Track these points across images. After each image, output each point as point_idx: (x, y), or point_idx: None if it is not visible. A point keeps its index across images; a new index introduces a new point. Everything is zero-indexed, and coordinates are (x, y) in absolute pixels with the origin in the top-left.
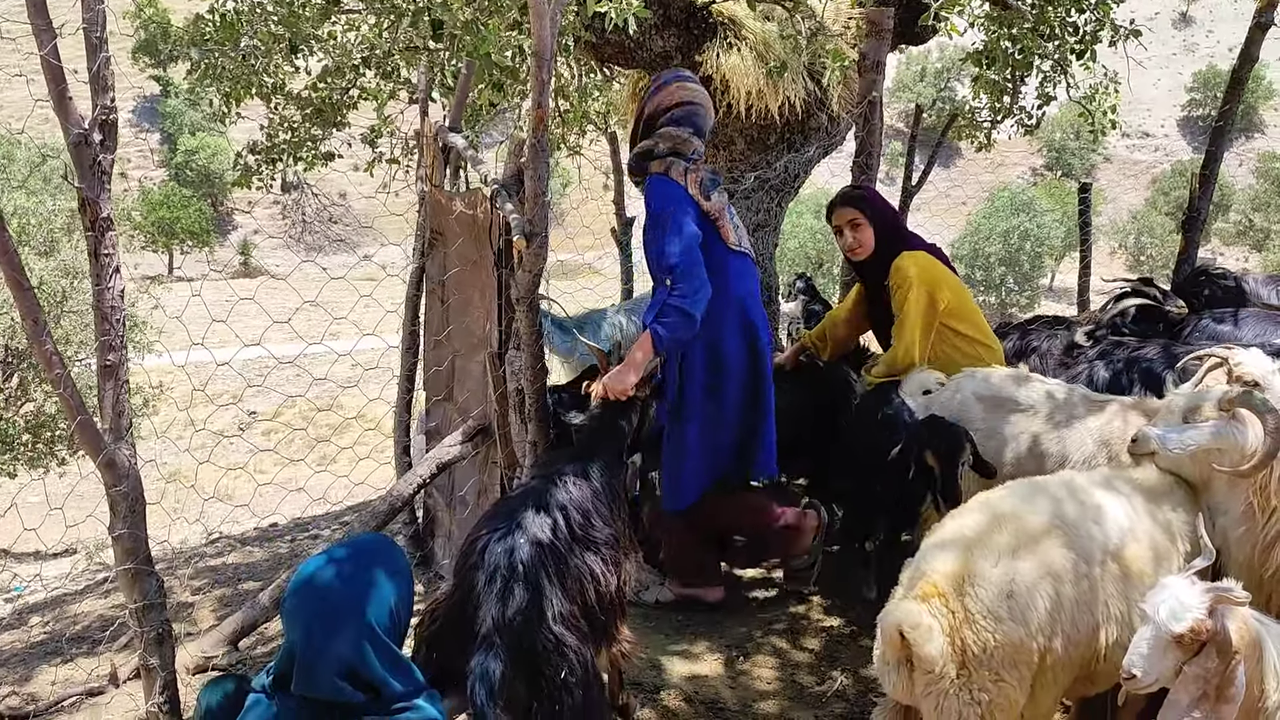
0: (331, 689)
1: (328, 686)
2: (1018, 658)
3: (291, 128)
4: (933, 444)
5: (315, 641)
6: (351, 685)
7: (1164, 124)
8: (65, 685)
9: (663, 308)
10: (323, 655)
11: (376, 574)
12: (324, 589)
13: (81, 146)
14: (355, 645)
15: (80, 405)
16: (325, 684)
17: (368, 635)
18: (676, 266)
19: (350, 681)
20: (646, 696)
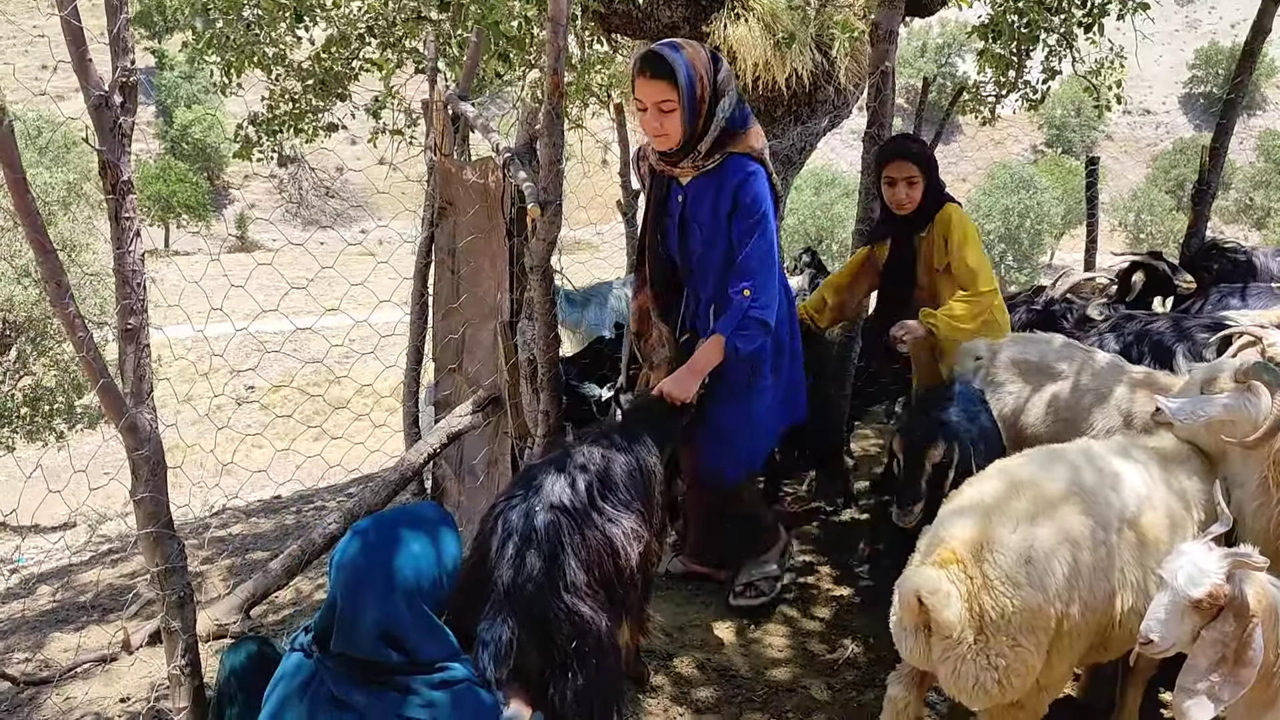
0: (369, 647)
1: (366, 645)
2: (1035, 623)
3: (293, 99)
4: (903, 432)
5: (358, 599)
6: (387, 646)
7: (1165, 101)
8: (79, 652)
9: (743, 320)
10: (362, 613)
11: (425, 541)
12: (372, 549)
13: (102, 109)
14: (393, 608)
15: (103, 369)
16: (363, 642)
17: (406, 600)
18: (759, 274)
19: (386, 642)
20: (660, 664)
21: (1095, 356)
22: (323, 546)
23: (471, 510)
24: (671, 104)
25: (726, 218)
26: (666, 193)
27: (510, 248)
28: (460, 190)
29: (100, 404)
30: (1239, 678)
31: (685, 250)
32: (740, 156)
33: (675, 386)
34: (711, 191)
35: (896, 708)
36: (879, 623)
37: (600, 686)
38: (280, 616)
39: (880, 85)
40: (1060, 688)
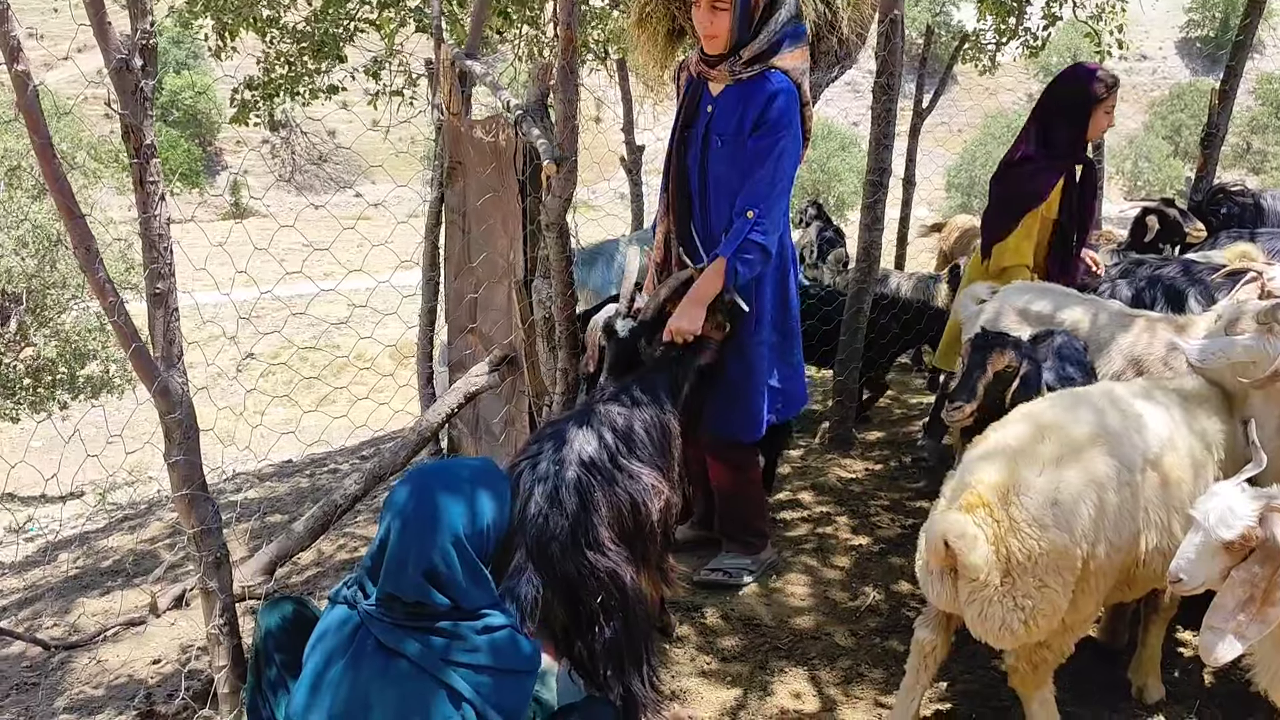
0: (416, 587)
1: (412, 584)
2: (1062, 564)
3: (289, 62)
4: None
5: (409, 536)
6: (433, 587)
7: (1161, 46)
8: (106, 616)
9: (743, 243)
10: (413, 551)
11: (480, 491)
12: (429, 490)
13: (123, 72)
14: (443, 549)
15: (134, 333)
16: (410, 581)
17: (455, 543)
18: (766, 199)
19: (433, 584)
20: (685, 615)
21: (1108, 305)
22: (345, 507)
23: None
24: (725, 4)
25: (750, 129)
26: (697, 104)
27: (523, 206)
28: (470, 149)
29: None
30: (1266, 617)
31: (704, 169)
32: (778, 72)
33: (683, 321)
34: (741, 102)
35: (924, 650)
36: (898, 572)
37: (628, 638)
38: (304, 577)
39: (890, 34)
40: (1086, 627)
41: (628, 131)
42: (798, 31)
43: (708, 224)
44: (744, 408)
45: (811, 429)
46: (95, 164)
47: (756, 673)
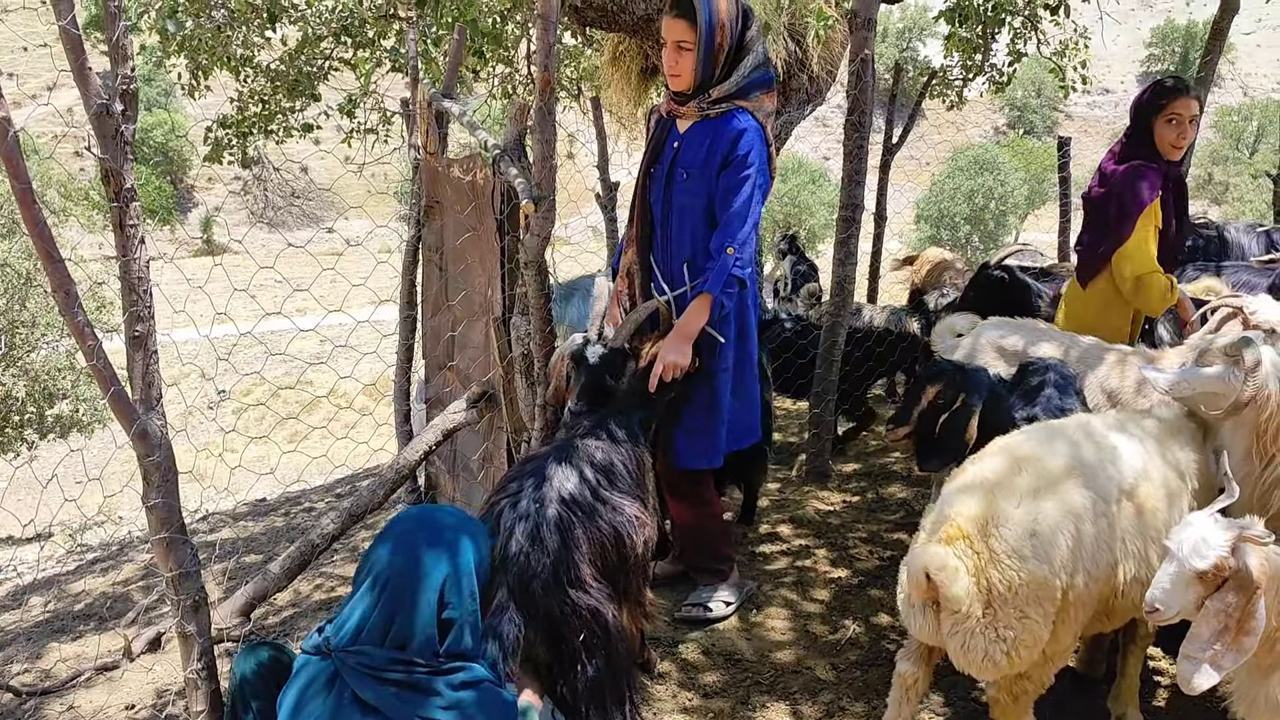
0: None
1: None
2: (1042, 595)
3: (262, 100)
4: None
5: (395, 590)
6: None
7: (1123, 80)
8: (78, 661)
9: (729, 278)
10: (401, 605)
11: (462, 540)
12: (413, 544)
13: (103, 117)
14: (457, 586)
15: (113, 376)
16: (417, 624)
17: (467, 580)
18: (740, 232)
19: (440, 627)
20: (666, 650)
21: (1079, 340)
22: (322, 547)
23: (466, 507)
24: (689, 44)
25: (719, 164)
26: (664, 141)
27: (501, 244)
28: (447, 188)
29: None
30: (1241, 646)
31: (668, 202)
32: (744, 111)
33: (675, 355)
34: (708, 137)
35: (906, 683)
36: (877, 604)
37: (610, 677)
38: (281, 619)
39: (860, 73)
40: (1065, 658)
41: (602, 169)
42: (767, 78)
43: (669, 255)
44: (707, 436)
45: (789, 461)
46: (65, 201)
47: (738, 708)
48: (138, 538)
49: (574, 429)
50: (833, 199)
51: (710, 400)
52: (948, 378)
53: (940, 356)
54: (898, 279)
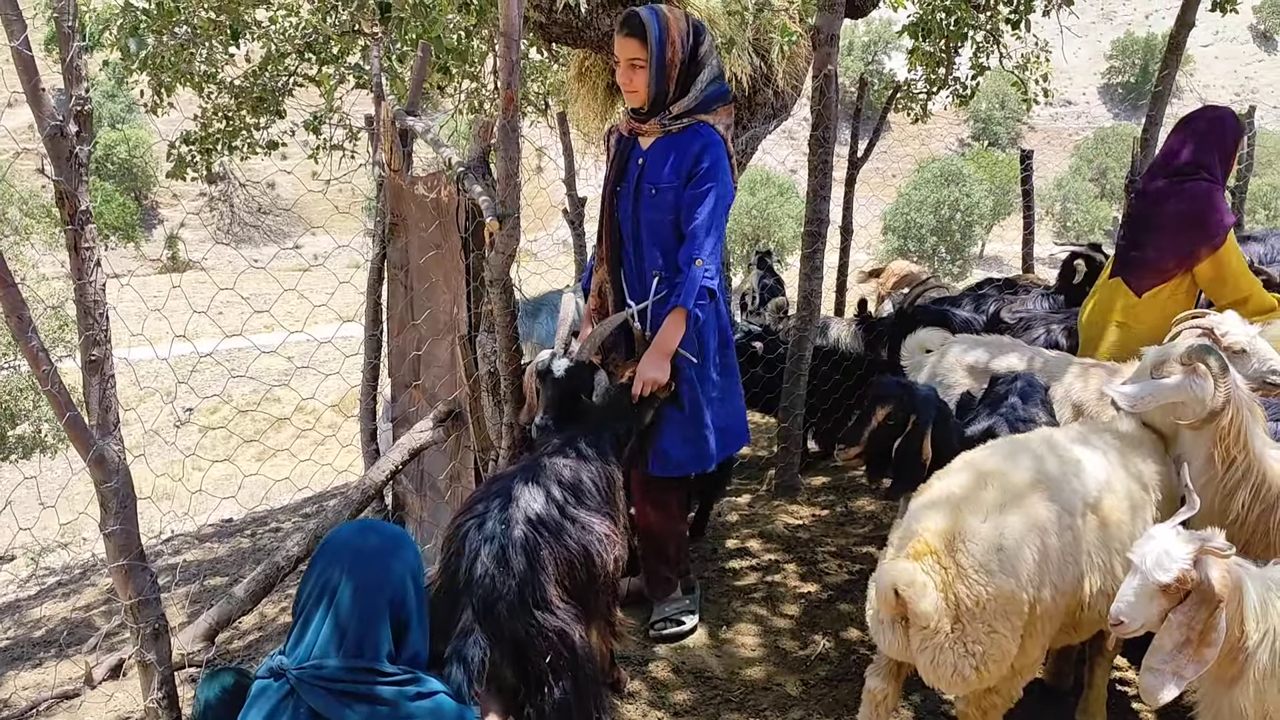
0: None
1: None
2: (1009, 608)
3: (226, 116)
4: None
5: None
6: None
7: (1085, 92)
8: (37, 689)
9: (700, 290)
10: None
11: (406, 537)
12: (369, 532)
13: (57, 139)
14: (405, 594)
15: (69, 401)
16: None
17: (415, 587)
18: (707, 245)
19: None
20: (635, 669)
21: (1043, 353)
22: (287, 569)
23: (433, 525)
24: (641, 62)
25: (684, 178)
26: (627, 158)
27: (466, 262)
28: (411, 206)
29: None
30: (1202, 657)
31: (636, 218)
32: (706, 125)
33: (654, 371)
34: (673, 153)
35: (875, 699)
36: (846, 619)
37: (578, 698)
38: (246, 642)
39: (824, 88)
40: (1034, 670)
41: (569, 184)
42: (723, 90)
43: (640, 271)
44: (696, 442)
45: (758, 476)
46: (27, 219)
47: None
48: (100, 560)
49: (542, 447)
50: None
51: (696, 410)
52: (896, 398)
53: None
54: (865, 291)
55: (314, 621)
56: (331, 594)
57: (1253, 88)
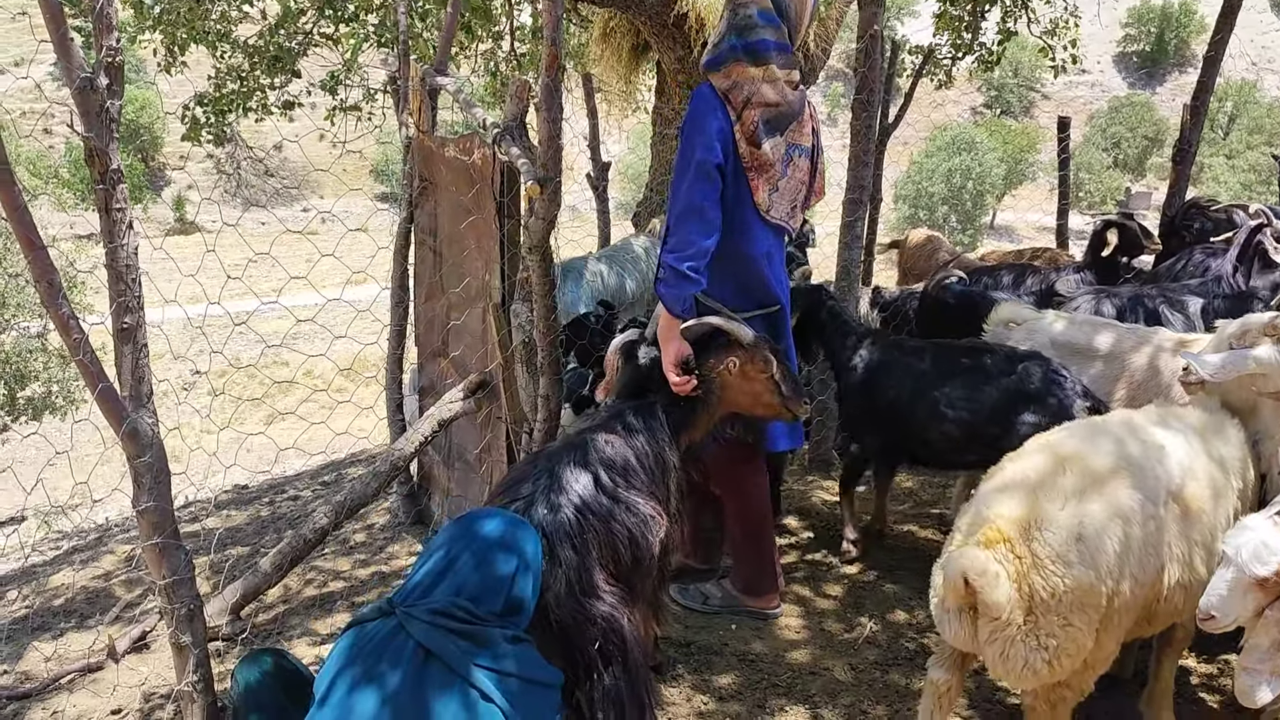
0: (498, 576)
1: (494, 570)
2: (1087, 601)
3: (240, 76)
4: None
5: (494, 537)
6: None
7: (1100, 60)
8: (60, 662)
9: (659, 265)
10: (499, 548)
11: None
12: (514, 520)
13: (87, 92)
14: (524, 562)
15: (101, 372)
16: (494, 567)
17: (535, 562)
18: (678, 214)
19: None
20: (677, 650)
21: (1136, 330)
22: (314, 542)
23: (462, 498)
24: None
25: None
26: None
27: (501, 227)
28: (442, 168)
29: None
30: None
31: None
32: (705, 83)
33: (664, 360)
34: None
35: (938, 690)
36: (893, 600)
37: (629, 685)
38: (271, 615)
39: (869, 49)
40: (1107, 664)
41: (593, 148)
42: (737, 45)
43: None
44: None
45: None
46: (35, 180)
47: (756, 712)
48: (115, 525)
49: (588, 420)
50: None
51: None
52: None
53: None
54: (890, 259)
55: (429, 562)
56: (452, 545)
57: (1269, 57)
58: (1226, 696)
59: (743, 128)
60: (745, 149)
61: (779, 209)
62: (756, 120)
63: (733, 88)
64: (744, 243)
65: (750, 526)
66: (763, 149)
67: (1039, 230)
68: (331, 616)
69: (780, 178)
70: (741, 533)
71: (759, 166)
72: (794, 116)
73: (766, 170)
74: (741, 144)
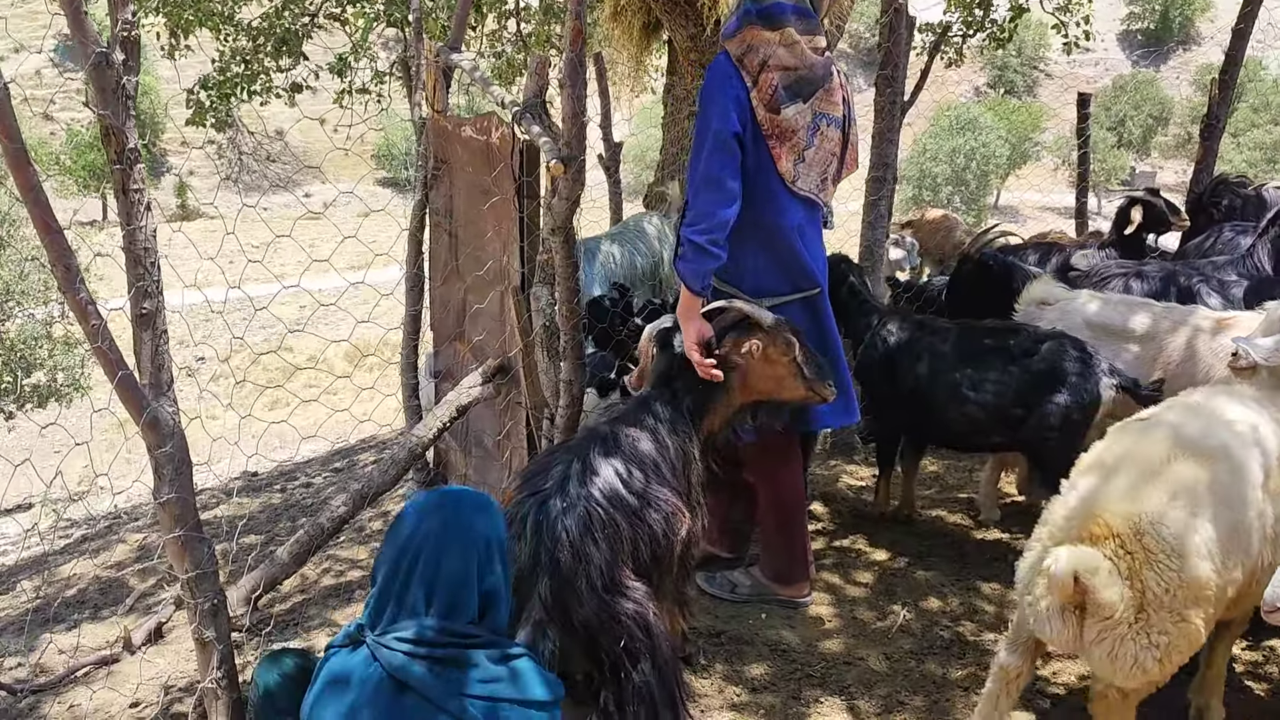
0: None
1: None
2: (1202, 595)
3: (245, 60)
4: None
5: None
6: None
7: (1103, 38)
8: (74, 654)
9: (677, 239)
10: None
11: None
12: (453, 497)
13: (102, 68)
14: (486, 547)
15: (120, 359)
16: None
17: (496, 543)
18: (697, 185)
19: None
20: (707, 641)
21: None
22: (331, 531)
23: (480, 485)
24: None
25: None
26: None
27: (520, 209)
28: (458, 148)
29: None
30: None
31: None
32: (722, 52)
33: (686, 341)
34: None
35: (1008, 676)
36: (925, 587)
37: (659, 680)
38: (288, 606)
39: (894, 23)
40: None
41: (605, 128)
42: (751, 9)
43: None
44: (843, 393)
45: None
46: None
47: (790, 704)
48: (125, 513)
49: (611, 412)
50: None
51: (835, 354)
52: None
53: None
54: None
55: (395, 588)
56: (411, 554)
57: (1276, 34)
58: (1274, 684)
59: (760, 93)
60: (764, 115)
61: (807, 180)
62: (775, 84)
63: (747, 52)
64: (771, 212)
65: (783, 516)
66: (783, 115)
67: (1042, 210)
68: (350, 606)
69: (806, 147)
70: (775, 523)
71: (780, 134)
72: (819, 83)
73: (789, 138)
74: (760, 110)
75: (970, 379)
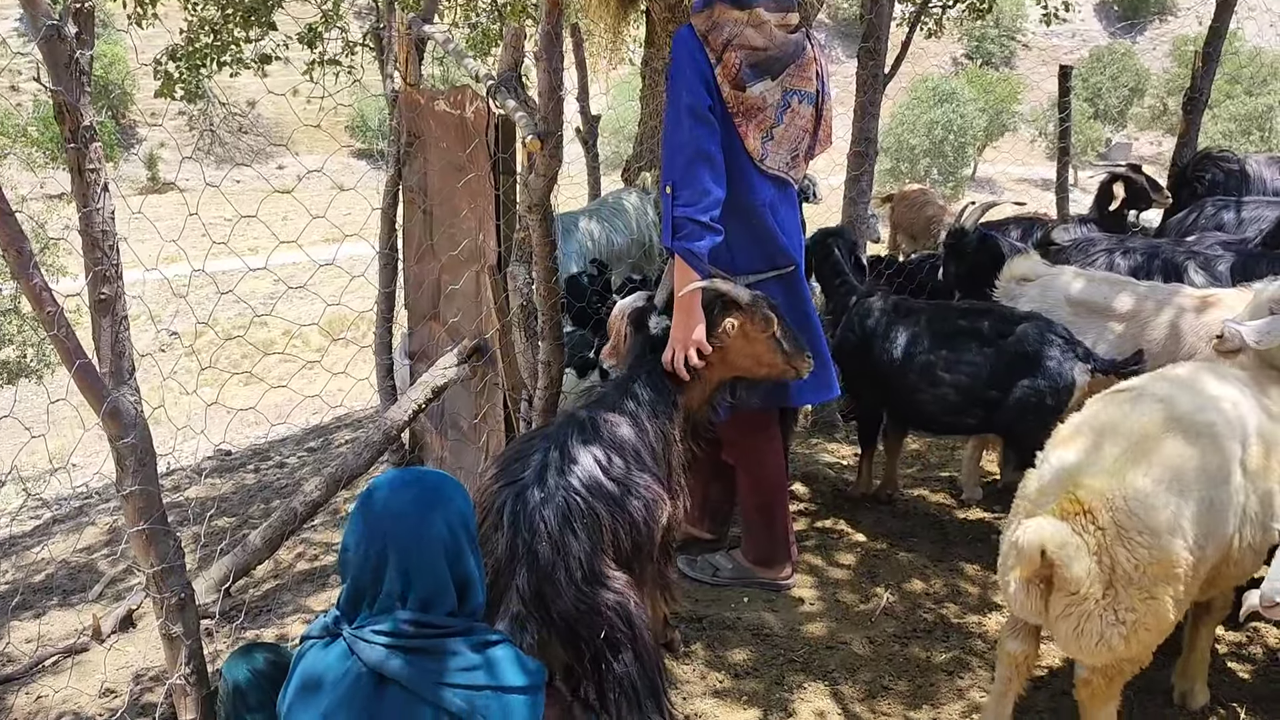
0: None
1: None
2: (1172, 573)
3: (214, 30)
4: None
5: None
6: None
7: (1080, 9)
8: (42, 643)
9: (674, 222)
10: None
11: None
12: (416, 479)
13: (54, 41)
14: (453, 531)
15: (78, 348)
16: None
17: (462, 524)
18: (670, 164)
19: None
20: (688, 626)
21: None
22: (305, 515)
23: (455, 466)
24: None
25: None
26: None
27: (496, 184)
28: (431, 123)
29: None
30: None
31: None
32: (686, 26)
33: (679, 333)
34: None
35: (1016, 661)
36: (908, 569)
37: (641, 669)
38: (261, 592)
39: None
40: (1169, 632)
41: (583, 100)
42: None
43: None
44: (822, 367)
45: None
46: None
47: (774, 689)
48: (95, 493)
49: (589, 395)
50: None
51: (814, 331)
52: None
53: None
54: (881, 215)
55: (368, 578)
56: (381, 542)
57: (1251, 4)
58: (1257, 665)
59: (724, 70)
60: (729, 93)
61: (776, 158)
62: (739, 63)
63: (712, 29)
64: (742, 190)
65: (764, 498)
66: (749, 92)
67: (1020, 183)
68: (325, 592)
69: (775, 125)
70: (755, 504)
71: (746, 111)
72: (790, 60)
73: (755, 115)
74: (725, 87)
75: (945, 360)
